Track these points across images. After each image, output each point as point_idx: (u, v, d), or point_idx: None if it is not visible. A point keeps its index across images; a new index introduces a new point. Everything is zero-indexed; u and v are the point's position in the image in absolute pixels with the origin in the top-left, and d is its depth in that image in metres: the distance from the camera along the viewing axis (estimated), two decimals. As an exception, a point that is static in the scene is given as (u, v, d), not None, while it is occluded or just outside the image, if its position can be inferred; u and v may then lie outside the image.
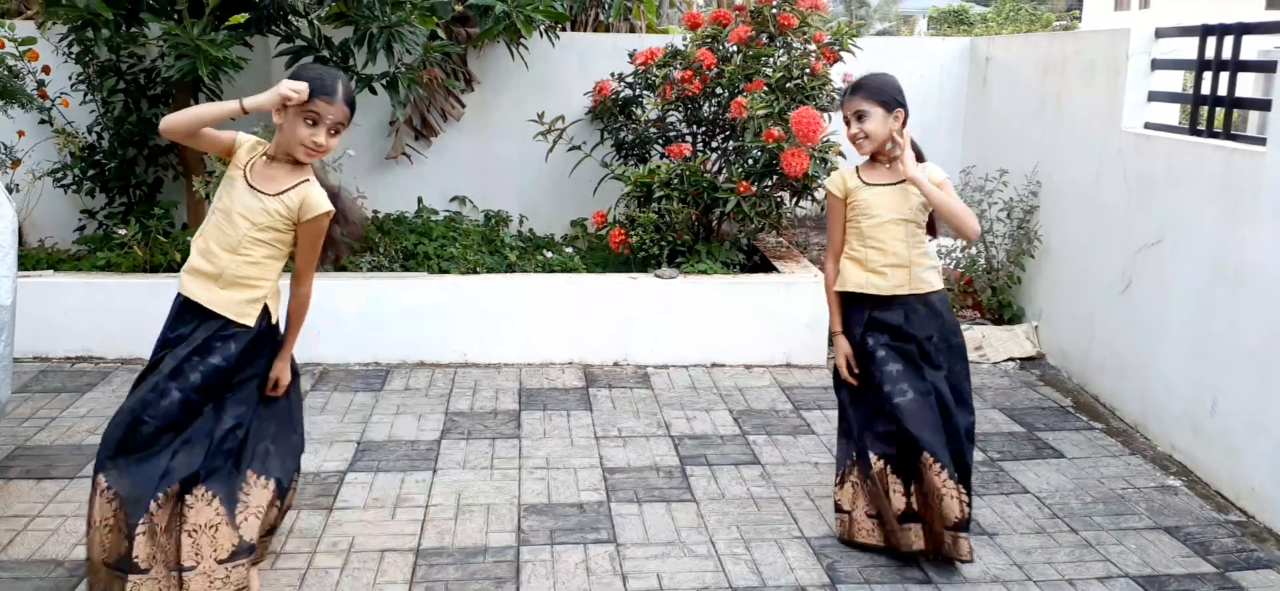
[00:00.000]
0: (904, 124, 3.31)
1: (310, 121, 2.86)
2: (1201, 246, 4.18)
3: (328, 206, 2.94)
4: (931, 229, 3.43)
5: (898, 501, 3.29)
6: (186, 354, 2.87)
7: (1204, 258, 4.16)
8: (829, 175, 3.55)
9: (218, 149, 3.00)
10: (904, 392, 3.27)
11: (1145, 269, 4.59)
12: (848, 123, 3.34)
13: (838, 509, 3.50)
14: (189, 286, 2.92)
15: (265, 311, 2.97)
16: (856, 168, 3.42)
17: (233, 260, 2.89)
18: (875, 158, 3.37)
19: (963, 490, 3.25)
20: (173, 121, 2.86)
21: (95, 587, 2.90)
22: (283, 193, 2.91)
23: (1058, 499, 3.89)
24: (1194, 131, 4.49)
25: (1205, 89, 4.45)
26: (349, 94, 2.93)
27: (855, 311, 3.41)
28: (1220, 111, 4.40)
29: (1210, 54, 4.42)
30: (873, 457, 3.32)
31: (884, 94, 3.29)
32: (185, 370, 2.87)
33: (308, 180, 2.94)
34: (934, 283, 3.36)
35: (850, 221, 3.39)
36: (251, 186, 2.90)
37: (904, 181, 3.30)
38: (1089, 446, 4.41)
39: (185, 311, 2.94)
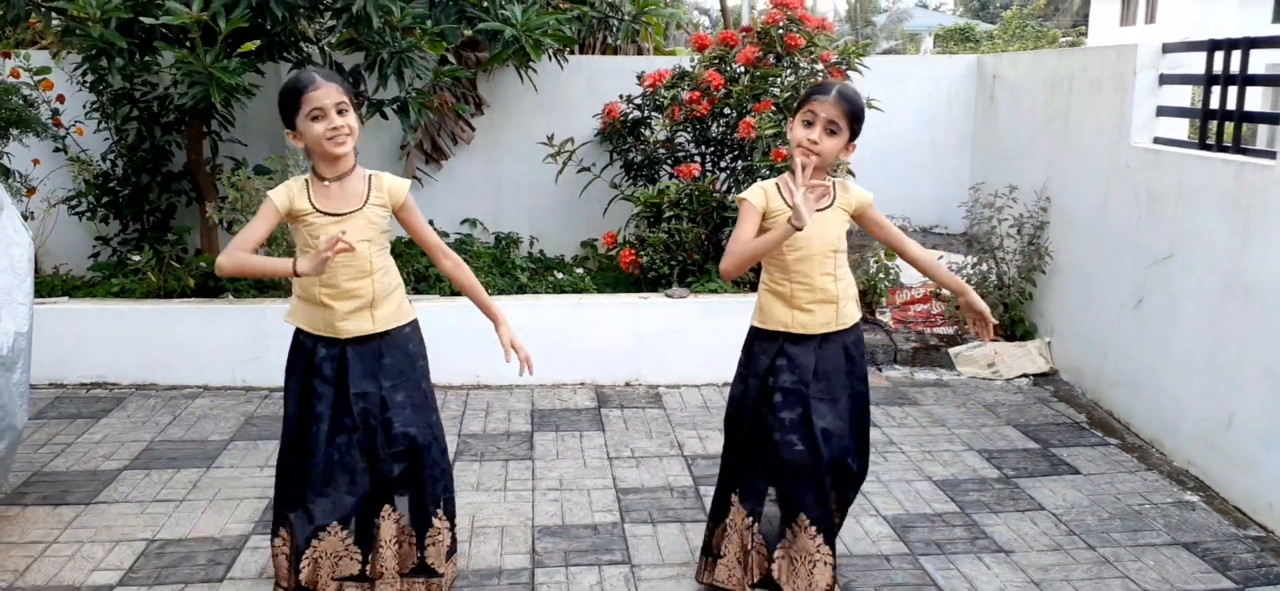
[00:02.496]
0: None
1: (314, 117, 2.82)
2: (1213, 261, 4.18)
3: (406, 180, 3.07)
4: None
5: (756, 569, 3.09)
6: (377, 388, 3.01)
7: (1216, 272, 4.16)
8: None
9: (270, 232, 2.94)
10: (793, 445, 2.98)
11: (1157, 284, 4.58)
12: (809, 124, 2.87)
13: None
14: (348, 329, 2.95)
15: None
16: (776, 183, 2.93)
17: (372, 281, 2.96)
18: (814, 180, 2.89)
19: (830, 553, 3.04)
20: (228, 269, 2.85)
21: None
22: (366, 197, 2.94)
23: (1074, 515, 3.87)
24: (1203, 146, 4.49)
25: (1214, 103, 4.45)
26: (327, 75, 2.88)
27: (765, 344, 3.07)
28: (1229, 125, 4.41)
29: (1218, 68, 4.43)
30: (743, 512, 3.10)
31: (858, 119, 2.89)
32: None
33: (361, 170, 2.97)
34: (855, 314, 3.08)
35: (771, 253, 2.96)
36: (335, 215, 2.90)
37: (831, 205, 2.98)
38: (1104, 462, 4.39)
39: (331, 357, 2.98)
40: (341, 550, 3.05)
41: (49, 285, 5.69)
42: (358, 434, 2.98)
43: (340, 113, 2.84)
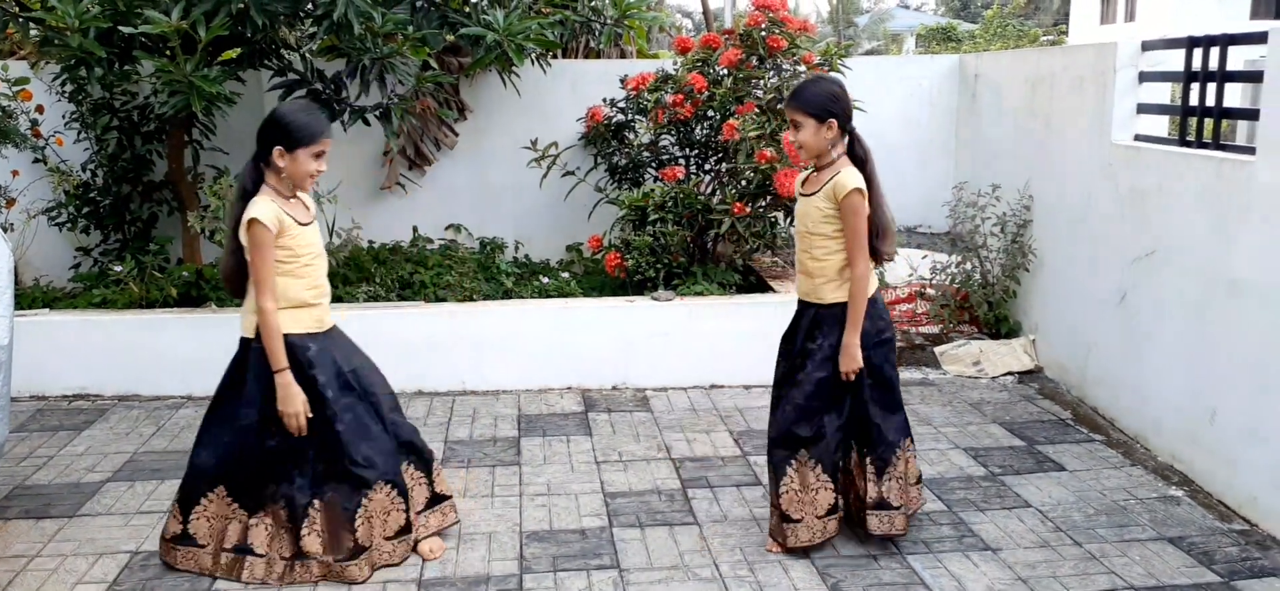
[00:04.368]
0: (842, 133, 3.32)
1: (316, 156, 3.27)
2: (1194, 257, 4.20)
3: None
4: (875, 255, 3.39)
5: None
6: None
7: (1197, 268, 4.18)
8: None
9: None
10: (776, 400, 3.58)
11: (1139, 280, 4.61)
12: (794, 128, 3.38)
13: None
14: (328, 319, 3.40)
15: None
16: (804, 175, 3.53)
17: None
18: (819, 166, 3.39)
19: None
20: (273, 324, 3.22)
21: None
22: (311, 207, 3.41)
23: (1060, 511, 3.89)
24: (1184, 142, 4.52)
25: (1193, 100, 4.48)
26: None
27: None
28: (1209, 122, 4.44)
29: (1197, 65, 4.46)
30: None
31: (814, 104, 3.29)
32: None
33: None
34: (829, 297, 3.39)
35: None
36: (306, 224, 3.31)
37: (817, 192, 3.35)
38: (1090, 458, 4.41)
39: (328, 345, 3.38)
40: (389, 505, 3.42)
41: (30, 297, 5.64)
42: (362, 403, 3.38)
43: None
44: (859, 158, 3.36)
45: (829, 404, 3.42)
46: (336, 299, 5.45)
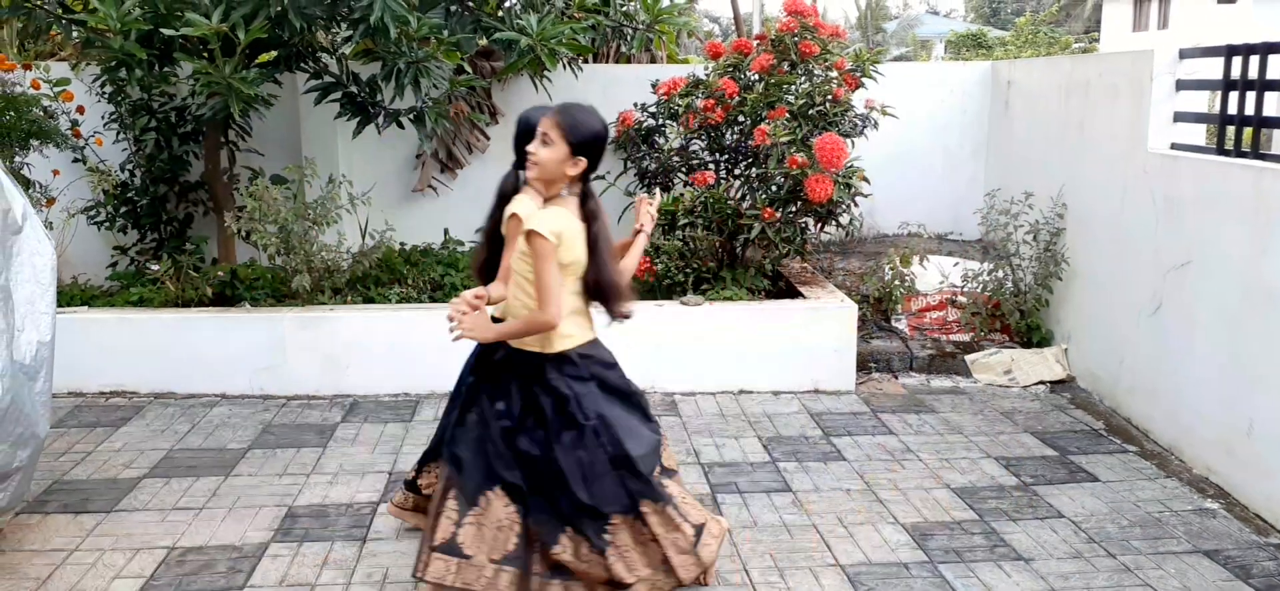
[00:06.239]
0: (585, 171, 3.04)
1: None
2: (1232, 267, 4.16)
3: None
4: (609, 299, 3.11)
5: None
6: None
7: (1234, 279, 4.14)
8: (853, 201, 3.46)
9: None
10: None
11: (1175, 290, 4.56)
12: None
13: None
14: None
15: None
16: None
17: None
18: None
19: None
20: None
21: None
22: None
23: (1094, 523, 3.85)
24: (1221, 151, 4.47)
25: (1232, 109, 4.44)
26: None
27: None
28: (1248, 131, 4.39)
29: (1236, 74, 4.41)
30: None
31: (575, 132, 3.00)
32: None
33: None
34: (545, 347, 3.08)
35: None
36: None
37: None
38: (1123, 469, 4.37)
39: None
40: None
41: (68, 295, 5.73)
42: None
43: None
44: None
45: None
46: (368, 300, 5.51)
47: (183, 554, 3.57)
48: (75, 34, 5.23)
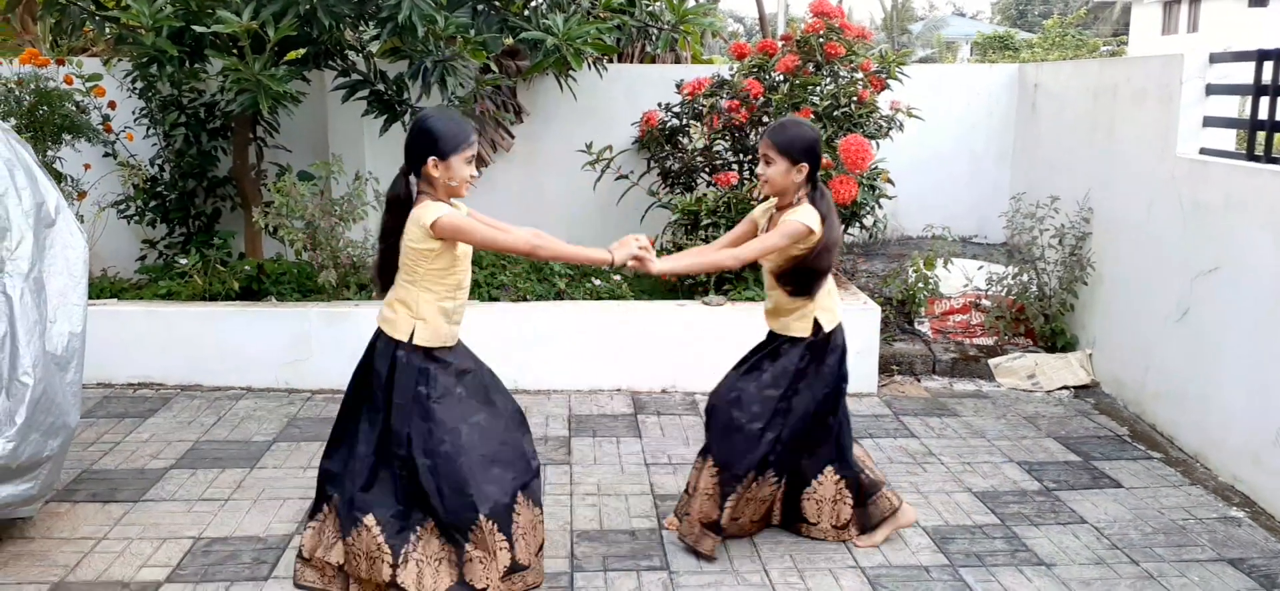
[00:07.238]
0: (808, 177, 3.34)
1: (468, 161, 3.26)
2: (1260, 274, 4.12)
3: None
4: (806, 289, 3.45)
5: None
6: None
7: (1263, 285, 4.09)
8: (877, 203, 3.59)
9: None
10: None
11: (1202, 297, 4.52)
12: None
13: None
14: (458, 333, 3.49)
15: None
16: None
17: None
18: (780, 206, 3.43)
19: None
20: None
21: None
22: None
23: (1117, 529, 3.83)
24: (1251, 157, 4.43)
25: (1263, 114, 4.39)
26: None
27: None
28: (1278, 136, 4.34)
29: (1267, 79, 4.37)
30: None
31: (793, 148, 3.30)
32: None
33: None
34: (796, 331, 3.53)
35: None
36: None
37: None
38: (1148, 476, 4.34)
39: None
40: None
41: (98, 287, 5.81)
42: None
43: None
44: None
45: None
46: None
47: (209, 544, 3.62)
48: (108, 30, 5.30)
